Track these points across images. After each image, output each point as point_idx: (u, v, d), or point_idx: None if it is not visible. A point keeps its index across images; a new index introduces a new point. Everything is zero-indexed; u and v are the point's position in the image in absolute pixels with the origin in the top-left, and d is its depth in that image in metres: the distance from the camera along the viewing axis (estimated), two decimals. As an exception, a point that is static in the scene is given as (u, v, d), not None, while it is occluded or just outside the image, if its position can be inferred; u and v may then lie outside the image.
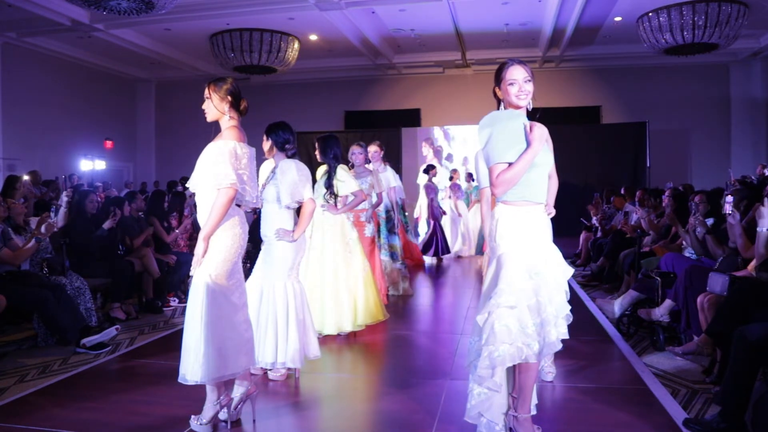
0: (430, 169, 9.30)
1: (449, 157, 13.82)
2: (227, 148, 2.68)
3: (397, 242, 6.05)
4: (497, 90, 2.52)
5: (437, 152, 13.70)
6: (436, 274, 8.01)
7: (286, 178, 3.31)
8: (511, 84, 2.45)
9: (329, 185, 4.29)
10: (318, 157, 4.38)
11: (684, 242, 4.82)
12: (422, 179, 9.33)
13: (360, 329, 4.49)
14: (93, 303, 4.67)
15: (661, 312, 4.10)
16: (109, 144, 14.12)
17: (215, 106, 2.79)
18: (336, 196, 4.34)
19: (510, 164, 2.35)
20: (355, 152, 5.19)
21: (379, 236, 5.85)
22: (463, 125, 13.67)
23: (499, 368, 2.42)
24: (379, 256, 5.52)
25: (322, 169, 4.47)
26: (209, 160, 2.70)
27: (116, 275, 5.12)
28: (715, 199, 5.00)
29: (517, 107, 2.47)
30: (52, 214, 4.41)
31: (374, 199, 5.20)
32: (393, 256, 6.02)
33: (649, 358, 3.83)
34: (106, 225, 5.19)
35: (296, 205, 3.41)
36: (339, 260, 4.41)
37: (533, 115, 2.54)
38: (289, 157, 3.47)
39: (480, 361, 2.41)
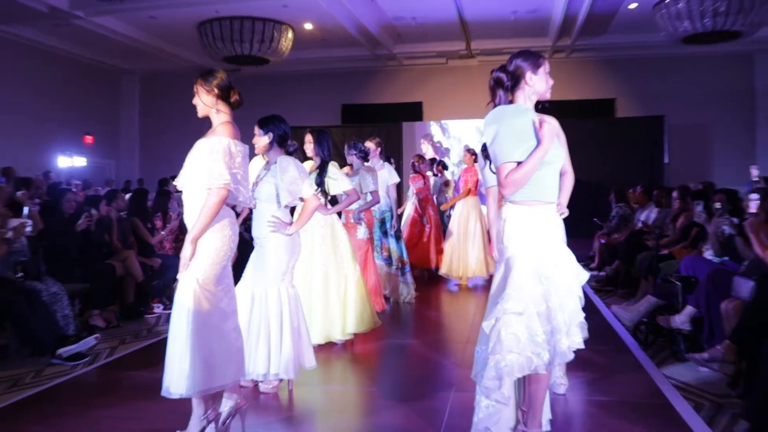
0: None
1: (447, 153, 13.82)
2: (221, 146, 2.68)
3: (394, 245, 6.01)
4: (526, 75, 2.46)
5: (437, 149, 13.70)
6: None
7: (287, 176, 3.29)
8: (548, 74, 2.48)
9: (320, 182, 4.26)
10: (311, 150, 4.36)
11: (704, 245, 4.81)
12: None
13: (349, 338, 4.46)
14: (71, 310, 4.64)
15: (681, 319, 4.08)
16: (89, 139, 14.11)
17: (202, 101, 2.81)
18: (327, 194, 4.32)
19: (519, 163, 2.33)
20: (349, 152, 5.20)
21: (373, 238, 5.82)
22: (468, 119, 13.65)
23: (507, 379, 2.39)
24: (374, 259, 5.50)
25: (308, 165, 4.42)
26: (201, 158, 2.69)
27: (96, 280, 5.10)
28: (735, 198, 5.00)
29: (530, 102, 2.49)
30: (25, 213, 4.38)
31: (369, 199, 5.17)
32: (388, 260, 5.99)
33: (670, 369, 3.81)
34: (79, 226, 5.15)
35: (295, 203, 3.40)
36: (329, 264, 4.39)
37: (536, 108, 2.53)
38: (289, 153, 3.44)
39: (486, 372, 2.39)
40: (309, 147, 4.38)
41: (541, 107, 2.55)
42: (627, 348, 4.36)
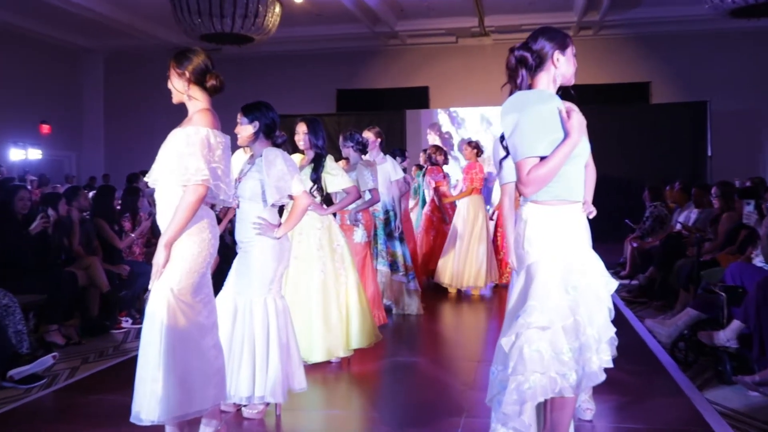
0: None
1: (461, 146, 13.88)
2: (198, 137, 2.70)
3: (399, 249, 6.03)
4: (554, 55, 2.47)
5: (445, 140, 13.74)
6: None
7: (273, 170, 3.30)
8: (574, 57, 2.50)
9: (316, 178, 4.28)
10: (304, 142, 4.37)
11: (754, 250, 4.82)
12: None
13: (350, 354, 4.49)
14: (24, 325, 4.64)
15: (727, 336, 4.09)
16: (45, 128, 14.13)
17: (174, 85, 2.83)
18: (323, 192, 4.34)
19: (542, 158, 2.34)
20: (345, 143, 5.22)
21: (375, 242, 5.83)
22: (480, 107, 13.66)
23: (529, 404, 2.40)
24: (374, 265, 5.52)
25: (297, 159, 4.42)
26: (175, 151, 2.71)
27: (54, 290, 5.10)
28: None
29: (553, 87, 2.51)
30: None
31: (367, 197, 5.19)
32: (393, 265, 6.00)
33: (713, 393, 3.82)
34: (34, 228, 5.16)
35: (284, 202, 3.42)
36: (327, 271, 4.41)
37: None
38: (276, 145, 3.46)
39: (506, 396, 2.39)
40: (301, 138, 4.39)
41: (562, 93, 2.56)
42: (663, 368, 4.37)
